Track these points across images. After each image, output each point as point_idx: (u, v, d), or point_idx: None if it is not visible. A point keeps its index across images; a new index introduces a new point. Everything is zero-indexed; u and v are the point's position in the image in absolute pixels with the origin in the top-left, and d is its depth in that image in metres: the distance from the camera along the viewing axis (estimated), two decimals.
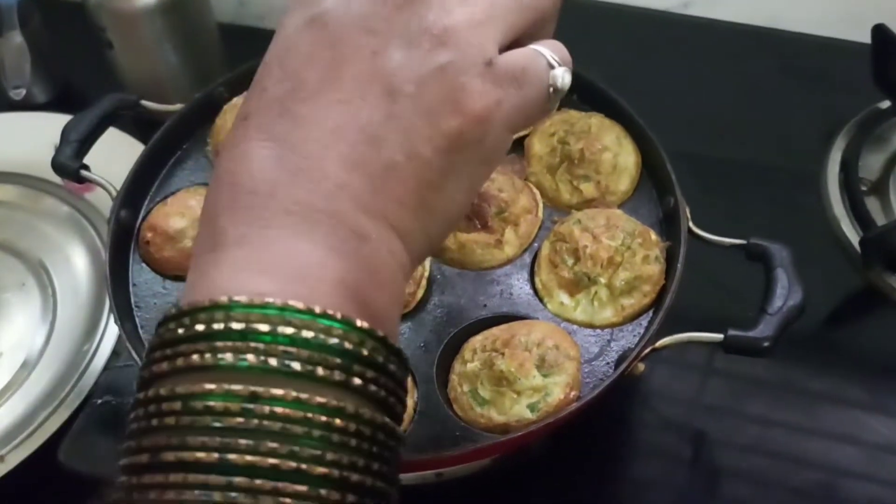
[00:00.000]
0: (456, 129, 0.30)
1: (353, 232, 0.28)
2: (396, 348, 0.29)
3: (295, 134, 0.29)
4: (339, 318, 0.27)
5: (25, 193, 0.71)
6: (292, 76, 0.30)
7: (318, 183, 0.28)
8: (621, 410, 0.59)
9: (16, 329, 0.62)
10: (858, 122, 0.72)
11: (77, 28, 0.73)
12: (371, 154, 0.29)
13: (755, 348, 0.47)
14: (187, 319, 0.27)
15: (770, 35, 0.81)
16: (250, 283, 0.27)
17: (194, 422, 0.25)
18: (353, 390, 0.27)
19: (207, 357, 0.26)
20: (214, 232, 0.29)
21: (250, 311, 0.26)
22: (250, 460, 0.25)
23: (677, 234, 0.52)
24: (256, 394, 0.25)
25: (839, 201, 0.68)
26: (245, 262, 0.28)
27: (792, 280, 0.49)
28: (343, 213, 0.28)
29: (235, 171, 0.29)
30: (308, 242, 0.28)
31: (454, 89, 0.29)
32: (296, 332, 0.26)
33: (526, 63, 0.32)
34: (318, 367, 0.26)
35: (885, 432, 0.57)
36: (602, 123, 0.58)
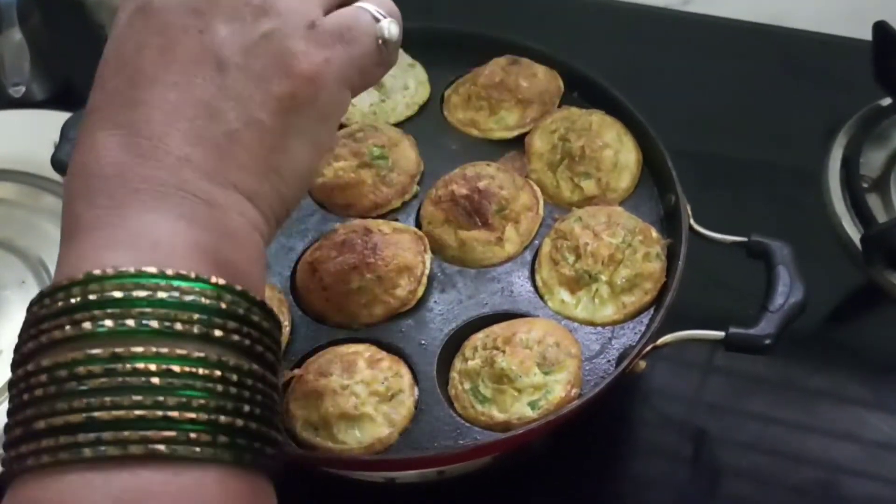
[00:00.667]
0: (287, 91, 0.32)
1: (200, 200, 0.30)
2: (259, 300, 0.30)
3: (137, 119, 0.30)
4: (192, 277, 0.28)
5: (25, 191, 0.70)
6: (128, 66, 0.31)
7: (162, 160, 0.30)
8: (622, 408, 0.59)
9: (15, 327, 0.61)
10: (859, 120, 0.72)
11: (76, 25, 0.73)
12: (210, 126, 0.31)
13: (757, 346, 0.47)
14: (48, 300, 0.29)
15: (771, 32, 0.81)
16: (105, 258, 0.29)
17: (61, 389, 0.27)
18: (215, 341, 0.28)
19: (68, 329, 0.27)
20: (71, 220, 0.31)
21: (105, 281, 0.28)
22: (116, 415, 0.26)
23: (678, 231, 0.52)
24: (117, 354, 0.27)
25: (840, 198, 0.68)
26: (100, 241, 0.29)
27: (793, 277, 0.48)
28: (188, 183, 0.30)
29: (85, 161, 0.31)
30: (158, 214, 0.29)
31: (281, 54, 0.31)
32: (150, 294, 0.28)
33: (350, 20, 0.34)
34: (177, 323, 0.28)
35: (885, 430, 0.57)
36: (603, 121, 0.58)
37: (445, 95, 0.63)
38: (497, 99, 0.60)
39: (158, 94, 0.31)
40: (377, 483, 0.52)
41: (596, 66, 0.61)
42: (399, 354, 0.50)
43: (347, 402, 0.46)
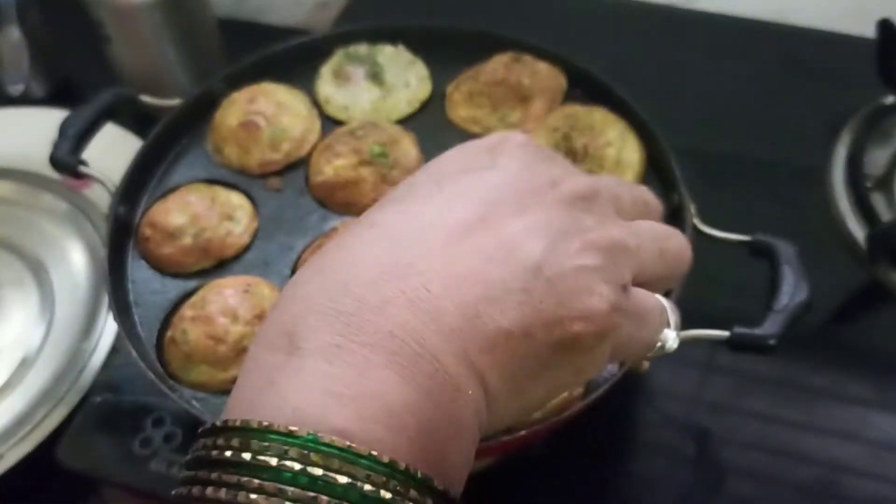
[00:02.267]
0: (575, 331, 0.29)
1: (451, 380, 0.26)
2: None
3: (422, 260, 0.28)
4: (419, 477, 0.25)
5: (23, 189, 0.70)
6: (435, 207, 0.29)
7: (434, 319, 0.27)
8: (624, 408, 0.58)
9: (14, 326, 0.62)
10: (864, 118, 0.72)
11: (75, 23, 0.73)
12: (493, 313, 0.27)
13: (761, 345, 0.46)
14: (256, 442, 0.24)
15: (775, 29, 0.81)
16: (331, 414, 0.24)
17: None
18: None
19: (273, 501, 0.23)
20: (297, 329, 0.26)
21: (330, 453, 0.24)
22: None
23: (682, 230, 0.51)
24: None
25: (844, 197, 0.67)
26: (330, 384, 0.25)
27: (798, 276, 0.48)
28: (448, 355, 0.27)
29: (346, 269, 0.27)
30: (404, 378, 0.25)
31: (589, 292, 0.29)
32: (373, 490, 0.24)
33: (652, 307, 0.33)
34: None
35: (889, 429, 0.57)
36: (606, 118, 0.58)
37: (447, 92, 0.62)
38: (499, 96, 0.59)
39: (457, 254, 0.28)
40: None
41: (599, 64, 0.61)
42: None
43: None
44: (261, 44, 0.64)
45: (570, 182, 0.31)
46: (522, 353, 0.28)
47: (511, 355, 0.28)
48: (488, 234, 0.29)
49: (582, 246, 0.30)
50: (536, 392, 0.30)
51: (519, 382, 0.29)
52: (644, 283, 0.33)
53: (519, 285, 0.28)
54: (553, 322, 0.29)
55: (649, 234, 0.33)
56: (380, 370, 0.25)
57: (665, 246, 0.34)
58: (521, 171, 0.31)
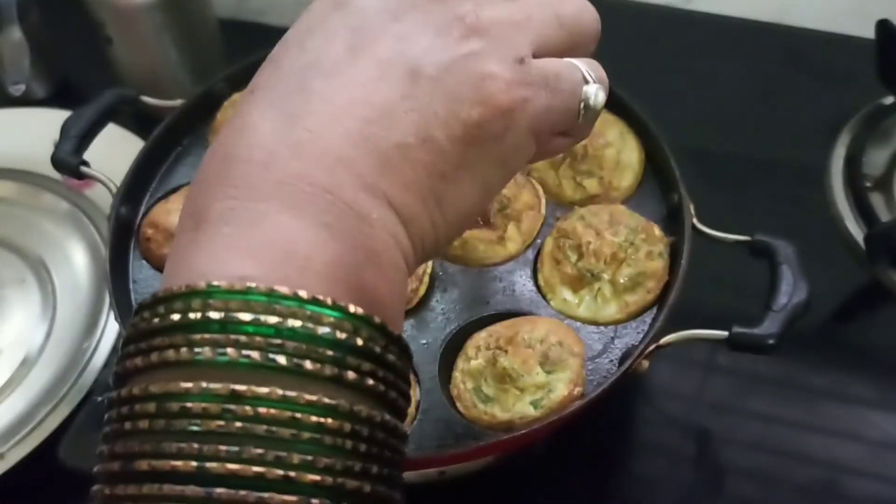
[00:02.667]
0: (476, 119, 0.28)
1: (351, 209, 0.26)
2: (396, 336, 0.27)
3: (302, 108, 0.27)
4: (329, 305, 0.25)
5: (25, 190, 0.70)
6: (308, 53, 0.28)
7: (319, 156, 0.26)
8: (624, 408, 0.58)
9: (15, 326, 0.62)
10: (863, 118, 0.72)
11: (76, 23, 0.73)
12: (381, 132, 0.27)
13: (760, 345, 0.46)
14: (162, 308, 0.25)
15: (773, 30, 0.81)
16: (232, 266, 0.25)
17: (170, 425, 0.23)
18: (348, 385, 0.25)
19: (184, 351, 0.24)
20: (199, 207, 0.27)
21: (230, 297, 0.24)
22: (232, 469, 0.23)
23: (681, 230, 0.52)
24: (238, 393, 0.23)
25: (843, 197, 0.67)
26: (229, 241, 0.26)
27: (797, 276, 0.48)
28: (342, 188, 0.26)
29: (231, 143, 0.28)
30: (301, 219, 0.26)
31: (481, 76, 0.28)
32: (281, 321, 0.24)
33: (560, 70, 0.31)
34: (307, 361, 0.24)
35: (889, 429, 0.57)
36: (605, 119, 0.58)
37: None
38: None
39: (334, 88, 0.27)
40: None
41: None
42: None
43: None
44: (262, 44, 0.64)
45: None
46: (427, 160, 0.28)
47: (414, 167, 0.28)
48: (362, 58, 0.28)
49: (461, 34, 0.28)
50: (462, 195, 0.29)
51: (436, 191, 0.28)
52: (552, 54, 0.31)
53: (400, 94, 0.27)
54: (449, 119, 0.28)
55: (538, 2, 0.31)
56: (274, 217, 0.26)
57: (561, 11, 0.31)
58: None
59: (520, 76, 0.29)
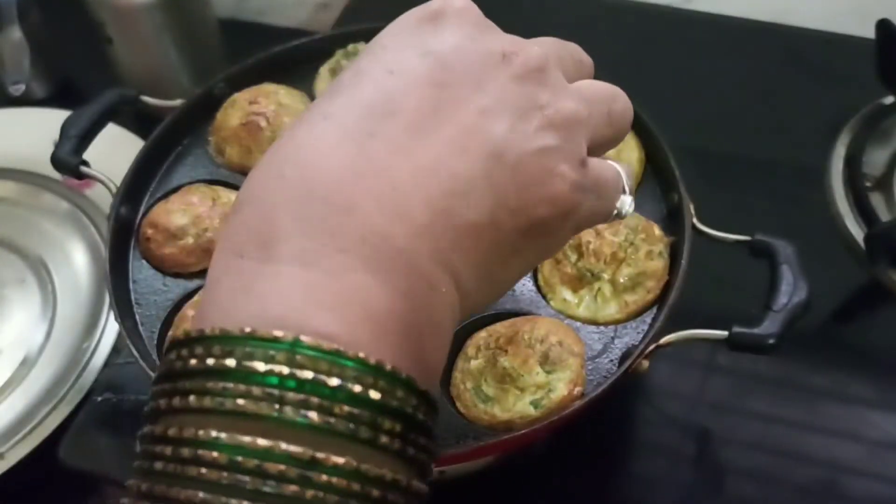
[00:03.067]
0: (542, 215, 0.29)
1: (425, 280, 0.26)
2: (438, 409, 0.27)
3: (385, 158, 0.26)
4: (403, 378, 0.25)
5: (25, 190, 0.70)
6: (392, 94, 0.27)
7: (403, 219, 0.26)
8: (624, 408, 0.58)
9: (15, 326, 0.62)
10: (863, 118, 0.72)
11: (76, 23, 0.73)
12: (460, 207, 0.27)
13: (760, 345, 0.46)
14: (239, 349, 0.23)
15: (773, 30, 0.81)
16: (314, 320, 0.24)
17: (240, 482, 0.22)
18: (406, 459, 0.25)
19: (263, 406, 0.23)
20: (268, 234, 0.25)
21: (318, 357, 0.23)
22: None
23: (681, 230, 0.52)
24: (317, 460, 0.23)
25: (843, 197, 0.67)
26: (310, 290, 0.24)
27: (797, 276, 0.48)
28: (421, 257, 0.26)
29: (307, 166, 0.26)
30: (382, 282, 0.25)
31: (552, 174, 0.29)
32: (362, 391, 0.24)
33: (609, 178, 0.32)
34: (382, 435, 0.24)
35: (889, 429, 0.57)
36: None
37: None
38: None
39: (419, 144, 0.27)
40: None
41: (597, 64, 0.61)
42: None
43: None
44: (262, 45, 0.64)
45: (522, 54, 0.29)
46: (491, 243, 0.28)
47: (480, 247, 0.28)
48: (448, 122, 0.27)
49: (540, 125, 0.29)
50: (507, 277, 0.31)
51: (490, 272, 0.29)
52: (595, 149, 0.32)
53: (482, 174, 0.27)
54: (518, 209, 0.28)
55: (597, 97, 0.32)
56: (357, 274, 0.25)
57: (612, 108, 0.33)
58: (469, 44, 0.29)
59: (581, 178, 0.30)
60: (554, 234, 0.30)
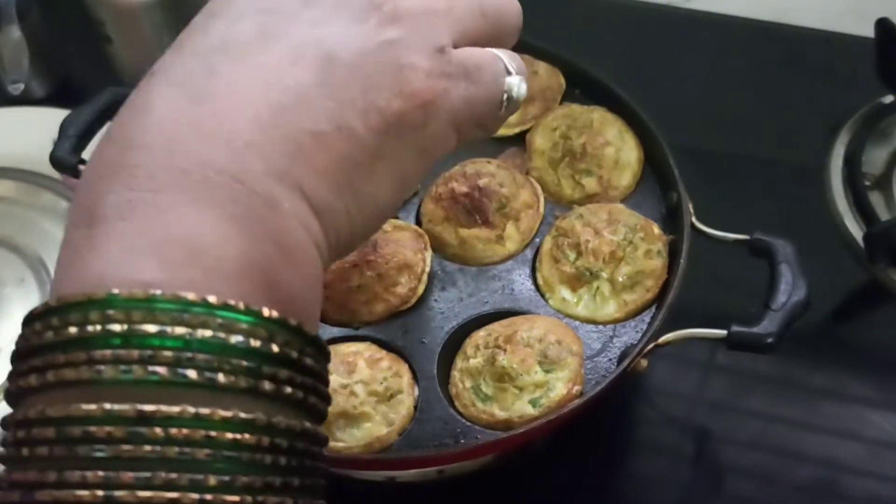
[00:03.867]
0: (395, 110, 0.27)
1: (261, 199, 0.25)
2: (313, 336, 0.25)
3: (207, 90, 0.25)
4: (242, 310, 0.23)
5: (24, 188, 0.70)
6: (215, 37, 0.27)
7: (226, 141, 0.25)
8: (623, 406, 0.58)
9: (14, 325, 0.61)
10: (862, 117, 0.72)
11: (76, 22, 0.73)
12: (293, 118, 0.26)
13: (759, 344, 0.46)
14: (56, 319, 0.23)
15: (773, 29, 0.81)
16: (133, 269, 0.23)
17: (72, 451, 0.22)
18: (264, 396, 0.23)
19: (83, 370, 0.22)
20: (92, 199, 0.24)
21: (133, 307, 0.22)
22: (143, 496, 0.21)
23: (680, 229, 0.52)
24: (146, 414, 0.21)
25: (843, 196, 0.67)
26: (127, 240, 0.23)
27: (796, 276, 0.48)
28: (249, 175, 0.25)
29: (128, 124, 0.25)
30: (206, 211, 0.24)
31: (400, 66, 0.27)
32: (190, 332, 0.22)
33: (481, 61, 0.30)
34: (220, 374, 0.22)
35: (888, 428, 0.57)
36: (604, 118, 0.58)
37: None
38: None
39: (243, 70, 0.26)
40: (377, 482, 0.52)
41: (597, 64, 0.61)
42: (399, 353, 0.49)
43: (347, 401, 0.45)
44: None
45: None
46: (343, 149, 0.27)
47: (329, 155, 0.26)
48: (275, 42, 0.27)
49: (379, 22, 0.27)
50: (379, 186, 0.29)
51: (352, 182, 0.27)
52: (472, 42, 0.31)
53: (314, 81, 0.26)
54: (367, 109, 0.27)
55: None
56: (178, 210, 0.24)
57: (483, 1, 0.31)
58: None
59: (439, 66, 0.28)
60: (422, 130, 0.29)
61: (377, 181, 0.28)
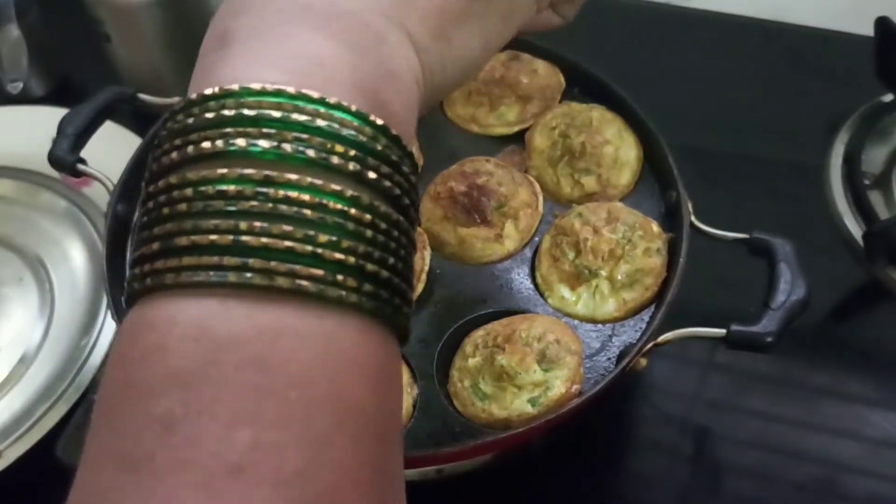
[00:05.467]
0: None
1: (372, 31, 0.28)
2: (409, 150, 0.28)
3: None
4: (353, 111, 0.26)
5: (22, 188, 0.70)
6: None
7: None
8: (622, 405, 0.58)
9: (13, 324, 0.62)
10: (862, 116, 0.72)
11: (74, 21, 0.73)
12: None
13: (758, 343, 0.46)
14: (196, 108, 0.26)
15: (772, 28, 0.81)
16: (263, 74, 0.26)
17: (207, 206, 0.25)
18: (367, 183, 0.26)
19: (219, 143, 0.25)
20: (226, 28, 0.28)
21: (262, 97, 0.26)
22: (265, 242, 0.24)
23: (679, 228, 0.52)
24: (270, 177, 0.25)
25: (842, 195, 0.67)
26: (258, 54, 0.27)
27: (795, 275, 0.48)
28: (364, 12, 0.29)
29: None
30: (325, 37, 0.27)
31: None
32: (309, 119, 0.25)
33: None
34: (333, 156, 0.26)
35: (887, 427, 0.57)
36: (603, 116, 0.58)
37: None
38: (497, 95, 0.59)
39: None
40: None
41: (597, 62, 0.61)
42: None
43: None
44: None
45: None
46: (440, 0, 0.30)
47: (429, 3, 0.30)
48: None
49: None
50: (469, 40, 0.32)
51: (444, 29, 0.31)
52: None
53: None
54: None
55: None
56: (301, 35, 0.27)
57: None
58: None
59: None
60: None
61: (467, 35, 0.32)
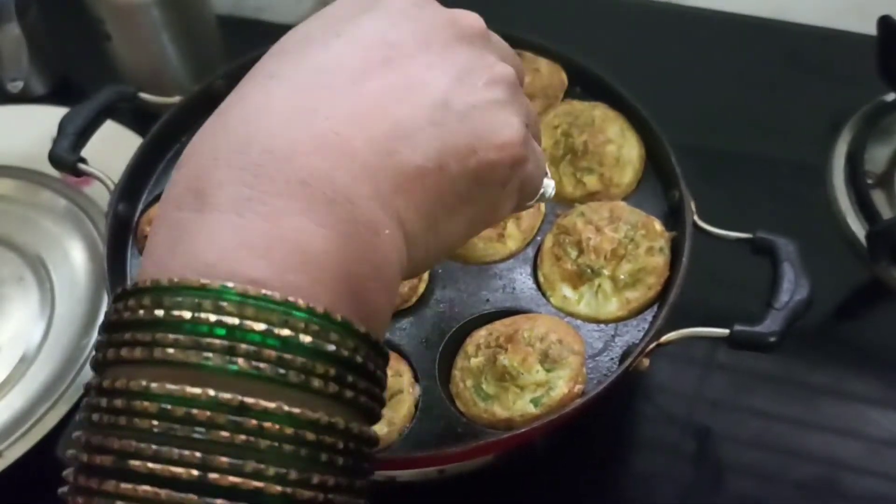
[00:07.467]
0: (491, 160, 0.29)
1: (366, 221, 0.26)
2: (385, 352, 0.28)
3: (328, 105, 0.27)
4: (338, 321, 0.25)
5: (23, 187, 0.70)
6: (336, 54, 0.28)
7: (345, 160, 0.26)
8: (625, 406, 0.58)
9: (14, 323, 0.62)
10: (864, 115, 0.72)
11: (75, 20, 0.73)
12: (404, 150, 0.27)
13: (761, 343, 0.46)
14: (167, 297, 0.24)
15: (775, 26, 0.81)
16: (245, 265, 0.24)
17: (171, 429, 0.23)
18: (345, 403, 0.25)
19: (192, 354, 0.23)
20: (206, 184, 0.25)
21: (245, 302, 0.23)
22: (233, 481, 0.22)
23: (682, 227, 0.52)
24: (246, 405, 0.23)
25: (845, 194, 0.67)
26: (241, 234, 0.24)
27: (798, 274, 0.48)
28: (362, 200, 0.26)
29: (248, 122, 0.26)
30: (318, 225, 0.25)
31: (504, 124, 0.30)
32: (292, 335, 0.24)
33: (539, 150, 0.34)
34: (315, 379, 0.24)
35: (889, 427, 0.57)
36: (606, 115, 0.57)
37: None
38: None
39: (362, 94, 0.27)
40: (377, 482, 0.52)
41: (599, 61, 0.61)
42: (400, 352, 0.49)
43: None
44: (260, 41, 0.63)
45: (467, 19, 0.31)
46: (438, 187, 0.28)
47: (426, 191, 0.28)
48: (393, 73, 0.28)
49: (489, 80, 0.30)
50: (454, 228, 0.31)
51: (436, 218, 0.29)
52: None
53: (428, 120, 0.28)
54: (467, 153, 0.29)
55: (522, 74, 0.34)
56: (292, 218, 0.25)
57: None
58: (415, 10, 0.30)
59: (527, 135, 0.31)
60: (502, 185, 0.31)
61: (455, 222, 0.30)
